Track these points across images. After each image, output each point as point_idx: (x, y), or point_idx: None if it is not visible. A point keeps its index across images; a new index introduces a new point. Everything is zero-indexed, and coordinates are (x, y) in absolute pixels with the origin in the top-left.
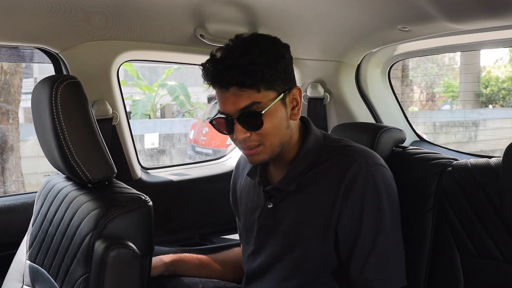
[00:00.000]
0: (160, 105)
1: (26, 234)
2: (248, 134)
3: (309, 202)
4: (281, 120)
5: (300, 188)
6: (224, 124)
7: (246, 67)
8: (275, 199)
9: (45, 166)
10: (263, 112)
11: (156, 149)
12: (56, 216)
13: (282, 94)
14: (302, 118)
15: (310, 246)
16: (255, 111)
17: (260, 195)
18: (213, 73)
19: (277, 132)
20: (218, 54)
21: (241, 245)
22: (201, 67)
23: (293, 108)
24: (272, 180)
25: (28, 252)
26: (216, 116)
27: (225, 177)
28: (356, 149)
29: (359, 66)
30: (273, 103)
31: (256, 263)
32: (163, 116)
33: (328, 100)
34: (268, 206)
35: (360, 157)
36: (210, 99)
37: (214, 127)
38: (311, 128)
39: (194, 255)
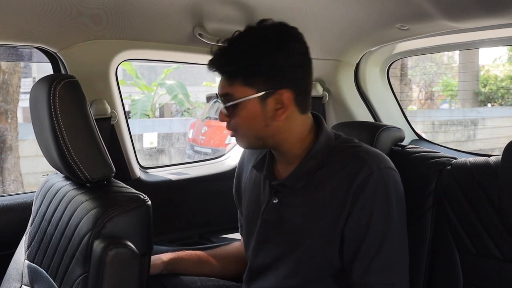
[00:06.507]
0: (159, 104)
1: (25, 234)
2: (227, 119)
3: (316, 201)
4: (255, 117)
5: (308, 186)
6: None
7: (227, 58)
8: (281, 195)
9: (44, 165)
10: (229, 104)
11: (155, 148)
12: (54, 216)
13: (262, 93)
14: (314, 116)
15: (314, 245)
16: (226, 100)
17: (266, 190)
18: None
19: (250, 126)
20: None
21: (243, 240)
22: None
23: (277, 109)
24: (279, 176)
25: (27, 252)
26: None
27: (224, 176)
28: (368, 151)
29: (358, 65)
30: (244, 99)
31: (258, 260)
32: (162, 115)
33: (327, 99)
34: (274, 201)
35: (372, 160)
36: (209, 98)
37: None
38: (323, 127)
39: (193, 252)
